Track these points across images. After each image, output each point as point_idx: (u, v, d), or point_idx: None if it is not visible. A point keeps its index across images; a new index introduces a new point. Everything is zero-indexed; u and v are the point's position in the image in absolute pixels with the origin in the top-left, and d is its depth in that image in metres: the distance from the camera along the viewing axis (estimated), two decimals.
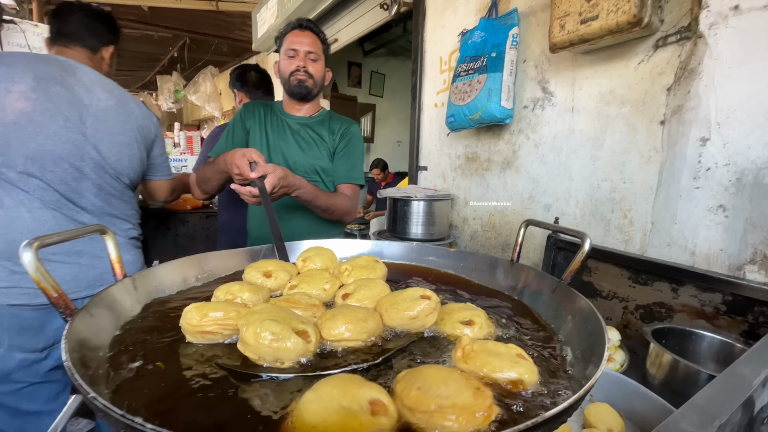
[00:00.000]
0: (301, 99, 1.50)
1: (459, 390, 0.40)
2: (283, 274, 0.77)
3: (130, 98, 1.38)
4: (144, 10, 4.51)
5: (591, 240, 0.57)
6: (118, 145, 1.30)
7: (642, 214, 1.27)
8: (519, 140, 1.68)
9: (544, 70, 1.56)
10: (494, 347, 0.50)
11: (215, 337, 0.55)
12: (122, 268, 0.59)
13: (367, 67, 6.14)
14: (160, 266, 0.69)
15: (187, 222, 2.23)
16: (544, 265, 1.45)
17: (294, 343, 0.50)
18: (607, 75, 1.34)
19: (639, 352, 1.11)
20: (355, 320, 0.56)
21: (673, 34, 1.17)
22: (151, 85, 7.89)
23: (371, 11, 2.77)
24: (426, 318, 0.60)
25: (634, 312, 1.20)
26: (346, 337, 0.55)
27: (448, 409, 0.38)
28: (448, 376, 0.42)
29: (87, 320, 0.47)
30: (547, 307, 0.63)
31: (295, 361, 0.50)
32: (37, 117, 1.14)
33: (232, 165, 1.12)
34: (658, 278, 1.15)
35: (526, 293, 0.70)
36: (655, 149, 1.22)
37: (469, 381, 0.42)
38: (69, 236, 0.50)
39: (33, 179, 1.14)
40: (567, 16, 1.25)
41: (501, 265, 0.80)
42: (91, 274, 1.25)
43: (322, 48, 1.49)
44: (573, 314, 0.57)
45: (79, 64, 1.25)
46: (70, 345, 0.40)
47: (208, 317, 0.54)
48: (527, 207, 1.66)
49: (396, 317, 0.60)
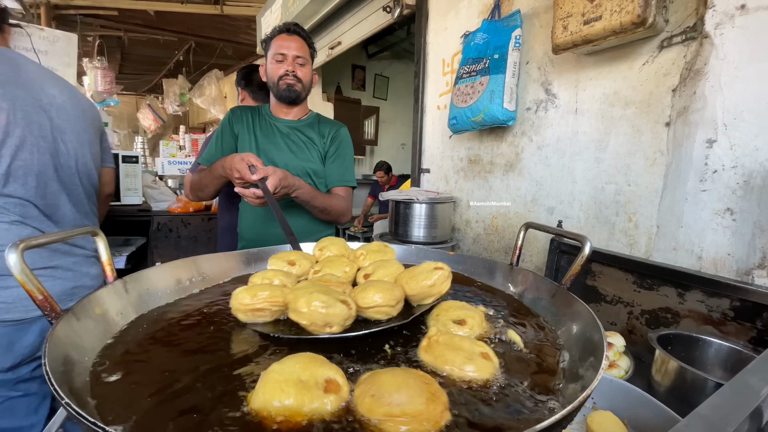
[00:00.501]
0: (290, 103, 1.52)
1: (411, 397, 0.41)
2: (305, 261, 0.84)
3: (73, 86, 1.30)
4: (150, 15, 4.56)
5: (591, 243, 0.55)
6: (82, 145, 1.25)
7: (647, 218, 1.24)
8: (522, 142, 1.67)
9: (547, 71, 1.54)
10: (459, 342, 0.53)
11: (264, 314, 0.61)
12: (113, 270, 0.58)
13: (371, 70, 6.15)
14: (152, 269, 0.68)
15: (189, 224, 2.24)
16: (547, 269, 1.43)
17: (340, 308, 0.57)
18: (611, 76, 1.32)
19: (644, 359, 1.09)
20: (384, 289, 0.64)
21: (678, 34, 1.15)
22: (157, 88, 7.95)
23: (374, 14, 2.77)
24: (442, 285, 0.67)
25: (640, 317, 1.18)
26: (378, 303, 0.62)
27: (398, 418, 0.40)
28: (403, 383, 0.43)
29: (73, 324, 0.46)
30: (546, 311, 0.62)
31: (341, 325, 0.57)
32: (14, 130, 1.07)
33: (231, 169, 1.15)
34: (663, 283, 1.12)
35: (526, 297, 0.69)
36: (661, 151, 1.20)
37: (425, 386, 0.43)
38: (58, 238, 0.49)
39: (13, 196, 1.08)
40: (570, 17, 1.24)
41: (500, 268, 0.79)
42: (65, 286, 1.21)
43: (309, 52, 1.51)
44: (572, 319, 0.55)
45: (11, 53, 1.15)
46: (51, 349, 0.38)
47: (258, 296, 0.61)
48: (530, 210, 1.64)
49: (416, 287, 0.67)
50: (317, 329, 0.57)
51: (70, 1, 3.81)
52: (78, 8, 4.07)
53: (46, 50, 2.44)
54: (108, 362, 0.47)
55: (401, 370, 0.47)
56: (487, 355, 0.51)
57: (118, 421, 0.36)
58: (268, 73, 1.50)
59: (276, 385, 0.42)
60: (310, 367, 0.45)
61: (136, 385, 0.43)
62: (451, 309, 0.65)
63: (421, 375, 0.46)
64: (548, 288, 0.64)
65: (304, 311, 0.56)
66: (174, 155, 4.25)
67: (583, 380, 0.40)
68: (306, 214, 1.46)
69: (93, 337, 0.49)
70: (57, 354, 0.40)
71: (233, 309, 0.62)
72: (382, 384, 0.43)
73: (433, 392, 0.42)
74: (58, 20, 4.06)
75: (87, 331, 0.48)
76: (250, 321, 0.61)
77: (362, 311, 0.62)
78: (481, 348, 0.53)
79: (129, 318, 0.59)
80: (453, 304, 0.67)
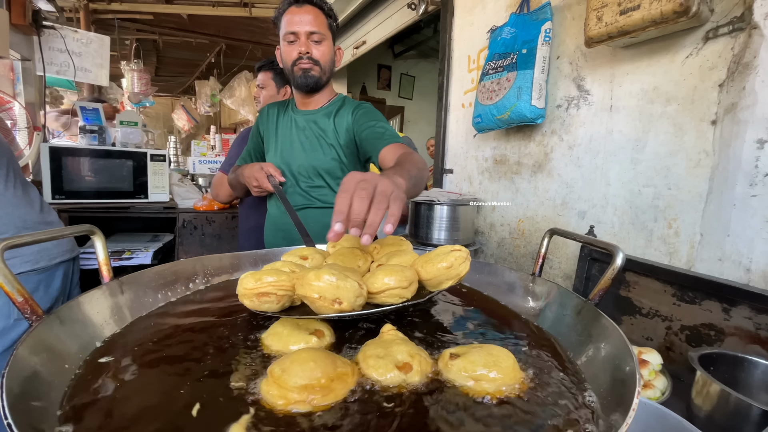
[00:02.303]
0: (310, 91, 1.32)
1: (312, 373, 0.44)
2: (318, 256, 0.82)
3: None
4: (183, 18, 4.70)
5: (624, 254, 0.49)
6: None
7: (689, 224, 1.14)
8: (551, 142, 1.58)
9: (579, 66, 1.45)
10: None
11: (269, 299, 0.59)
12: (110, 270, 0.57)
13: (397, 69, 6.11)
14: (148, 270, 0.67)
15: (213, 222, 2.27)
16: (576, 277, 1.34)
17: (351, 283, 0.55)
18: (650, 71, 1.22)
19: (684, 378, 1.00)
20: (395, 271, 0.61)
21: (724, 25, 1.05)
22: (191, 90, 8.21)
23: (399, 12, 2.73)
24: (460, 267, 0.64)
25: (679, 333, 1.08)
26: (390, 286, 0.59)
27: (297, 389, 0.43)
28: (309, 357, 0.47)
29: (54, 327, 0.44)
30: (570, 330, 0.55)
31: (351, 303, 0.55)
32: None
33: (251, 177, 1.16)
34: (707, 296, 1.02)
35: (547, 313, 0.62)
36: (706, 152, 1.10)
37: (335, 370, 0.46)
38: (47, 237, 0.48)
39: None
40: (605, 7, 1.15)
41: (521, 279, 0.72)
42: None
43: (327, 24, 1.27)
44: (599, 343, 0.49)
45: None
46: (20, 354, 0.36)
47: (263, 280, 0.59)
48: (560, 214, 1.55)
49: (432, 269, 0.64)
50: (326, 305, 0.54)
51: (108, 6, 3.97)
52: (115, 13, 4.24)
53: (80, 52, 2.54)
54: (97, 373, 0.44)
55: (312, 351, 0.49)
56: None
57: None
58: (282, 57, 1.30)
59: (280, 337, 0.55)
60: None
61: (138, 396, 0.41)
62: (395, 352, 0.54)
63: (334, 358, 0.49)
64: (573, 303, 0.58)
65: (315, 284, 0.54)
66: (205, 154, 4.36)
67: (609, 424, 0.34)
68: (329, 213, 1.33)
69: (77, 344, 0.47)
70: (28, 360, 0.37)
71: (239, 295, 0.60)
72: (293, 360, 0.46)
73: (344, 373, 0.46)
74: (96, 24, 4.25)
75: (72, 335, 0.46)
76: (257, 308, 0.60)
77: (374, 297, 0.60)
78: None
79: (125, 321, 0.57)
80: (400, 348, 0.54)
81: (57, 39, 2.43)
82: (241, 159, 1.50)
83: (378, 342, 0.54)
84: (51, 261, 1.30)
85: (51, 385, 0.38)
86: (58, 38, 2.44)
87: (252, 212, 1.96)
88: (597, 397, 0.40)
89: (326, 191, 1.36)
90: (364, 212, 0.52)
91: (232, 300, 0.69)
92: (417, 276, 0.65)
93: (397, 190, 0.56)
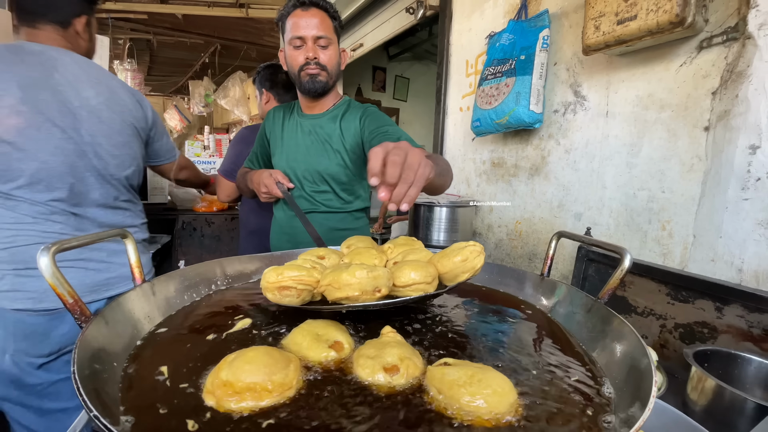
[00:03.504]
0: (317, 96, 1.31)
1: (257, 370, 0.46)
2: (335, 256, 0.85)
3: (119, 86, 1.26)
4: (178, 18, 4.67)
5: (631, 256, 0.52)
6: (117, 147, 1.22)
7: (683, 226, 1.18)
8: (548, 146, 1.62)
9: (576, 73, 1.49)
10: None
11: (290, 293, 0.61)
12: (141, 272, 0.59)
13: (392, 71, 6.14)
14: (180, 271, 0.69)
15: (212, 223, 2.27)
16: (574, 278, 1.38)
17: (382, 270, 0.59)
18: (645, 78, 1.27)
19: (678, 375, 1.03)
20: (419, 267, 0.64)
21: (718, 34, 1.09)
22: (184, 89, 8.15)
23: (397, 15, 2.76)
24: (475, 260, 0.67)
25: (673, 331, 1.12)
26: (416, 280, 0.62)
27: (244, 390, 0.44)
28: (255, 358, 0.48)
29: (101, 328, 0.46)
30: (581, 327, 0.58)
31: (387, 287, 0.58)
32: (33, 133, 1.06)
33: (260, 184, 1.20)
34: (700, 296, 1.06)
35: (558, 312, 0.65)
36: (698, 157, 1.14)
37: (276, 364, 0.48)
38: (89, 240, 0.49)
39: (38, 198, 1.09)
40: (602, 17, 1.19)
41: (530, 279, 0.75)
42: (97, 278, 1.21)
43: (333, 27, 1.26)
44: (611, 340, 0.52)
45: (58, 53, 1.13)
46: (81, 355, 0.38)
47: (284, 275, 0.61)
48: (556, 216, 1.59)
49: (448, 264, 0.67)
50: (368, 296, 0.57)
51: (103, 5, 3.94)
52: (109, 12, 4.20)
53: None
54: (142, 369, 0.47)
55: (262, 349, 0.51)
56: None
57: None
58: (287, 61, 1.29)
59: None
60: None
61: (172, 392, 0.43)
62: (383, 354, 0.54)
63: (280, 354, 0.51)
64: (583, 302, 0.61)
65: (353, 282, 0.57)
66: (198, 155, 4.35)
67: (627, 416, 0.37)
68: (333, 218, 1.35)
69: (121, 343, 0.49)
70: (85, 358, 0.40)
71: (263, 289, 0.63)
72: (242, 357, 0.48)
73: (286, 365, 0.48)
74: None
75: (116, 335, 0.48)
76: (278, 301, 0.62)
77: (398, 291, 0.62)
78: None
79: (155, 321, 0.59)
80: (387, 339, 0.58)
81: None
82: (248, 161, 1.52)
83: (375, 343, 0.56)
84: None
85: (106, 381, 0.40)
86: None
87: (253, 215, 1.95)
88: (614, 390, 0.43)
89: (331, 196, 1.36)
90: (396, 177, 0.54)
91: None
92: (437, 272, 0.68)
93: (422, 168, 0.56)
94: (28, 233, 1.10)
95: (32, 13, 1.14)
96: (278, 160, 1.40)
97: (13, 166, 1.04)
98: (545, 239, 1.64)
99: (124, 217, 1.28)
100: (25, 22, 1.14)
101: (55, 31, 1.16)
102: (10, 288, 1.09)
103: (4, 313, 1.10)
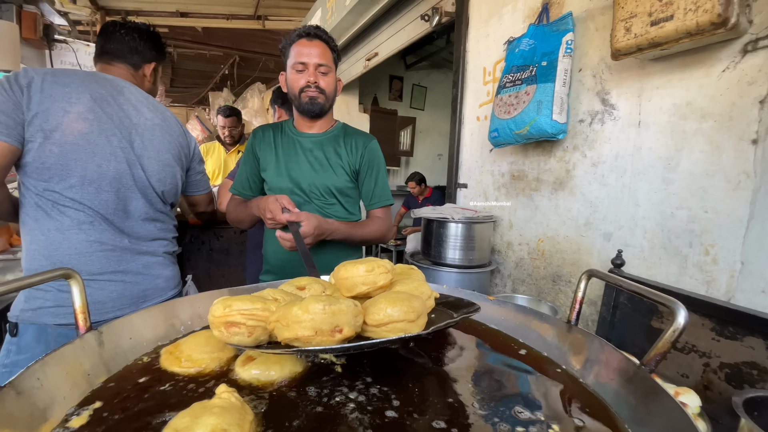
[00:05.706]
0: (314, 116, 1.40)
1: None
2: (317, 285, 0.73)
3: (171, 116, 1.39)
4: (198, 31, 4.78)
5: (686, 314, 0.41)
6: (161, 164, 1.30)
7: (729, 251, 1.05)
8: (573, 158, 1.50)
9: (603, 79, 1.38)
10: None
11: (240, 330, 0.51)
12: (86, 320, 0.51)
13: (409, 80, 6.10)
14: (132, 316, 0.60)
15: (221, 237, 2.23)
16: (603, 305, 1.25)
17: (346, 303, 0.48)
18: (683, 85, 1.14)
19: (723, 421, 0.90)
20: (399, 300, 0.52)
21: (764, 37, 0.97)
22: (205, 101, 8.32)
23: (412, 23, 2.69)
24: (378, 276, 0.61)
25: (718, 371, 0.98)
26: (394, 318, 0.50)
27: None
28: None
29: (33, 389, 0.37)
30: (619, 400, 0.45)
31: (353, 325, 0.47)
32: (94, 138, 1.15)
33: (265, 210, 1.19)
34: (750, 332, 0.93)
35: (588, 374, 0.52)
36: (746, 173, 1.01)
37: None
38: (28, 283, 0.42)
39: (86, 200, 1.15)
40: (634, 18, 1.08)
41: (553, 326, 0.62)
42: (135, 290, 1.25)
43: (332, 58, 1.38)
44: (657, 419, 0.39)
45: (125, 82, 1.27)
46: None
47: (232, 307, 0.51)
48: (583, 234, 1.46)
49: (351, 270, 0.62)
50: (324, 338, 0.46)
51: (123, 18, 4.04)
52: None
53: (92, 65, 2.54)
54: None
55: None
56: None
57: None
58: (288, 83, 1.39)
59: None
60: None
61: None
62: None
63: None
64: (621, 366, 0.47)
65: (305, 318, 0.46)
66: None
67: None
68: (335, 244, 1.37)
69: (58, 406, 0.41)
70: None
71: (210, 324, 0.53)
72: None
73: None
74: None
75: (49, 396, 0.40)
76: (226, 340, 0.52)
77: (371, 331, 0.51)
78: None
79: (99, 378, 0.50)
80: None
81: (68, 53, 2.44)
82: (236, 188, 1.47)
83: (197, 407, 0.42)
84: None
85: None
86: (70, 52, 2.45)
87: (259, 229, 1.91)
88: None
89: (339, 208, 1.43)
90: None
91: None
92: (425, 308, 0.57)
93: (325, 224, 0.67)
94: (71, 242, 1.14)
95: (112, 55, 1.30)
96: (275, 175, 1.39)
97: (70, 165, 1.12)
98: (570, 260, 1.51)
99: (157, 229, 1.34)
100: (104, 60, 1.31)
101: (127, 70, 1.32)
102: (53, 304, 1.12)
103: (45, 329, 1.12)
